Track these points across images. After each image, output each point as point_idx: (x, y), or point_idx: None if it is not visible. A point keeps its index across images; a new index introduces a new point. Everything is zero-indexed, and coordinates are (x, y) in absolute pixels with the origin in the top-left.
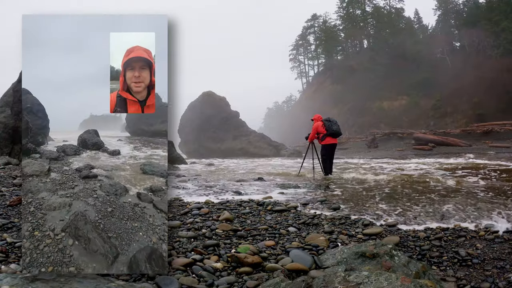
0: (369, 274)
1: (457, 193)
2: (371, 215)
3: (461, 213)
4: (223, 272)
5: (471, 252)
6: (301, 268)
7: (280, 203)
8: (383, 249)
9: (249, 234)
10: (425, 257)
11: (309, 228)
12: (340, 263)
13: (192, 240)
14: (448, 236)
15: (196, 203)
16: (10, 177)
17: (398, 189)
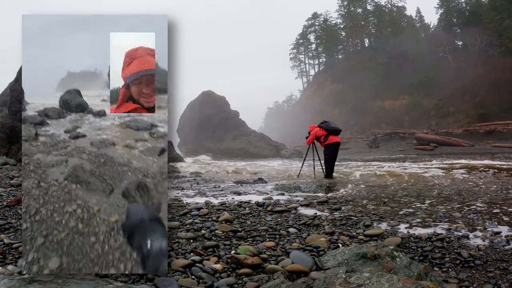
0: (370, 275)
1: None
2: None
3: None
4: (223, 273)
5: (474, 253)
6: (301, 270)
7: (280, 203)
8: (385, 250)
9: (249, 235)
10: (427, 259)
11: (310, 229)
12: (341, 264)
13: (192, 241)
14: (450, 237)
15: (196, 203)
16: (8, 178)
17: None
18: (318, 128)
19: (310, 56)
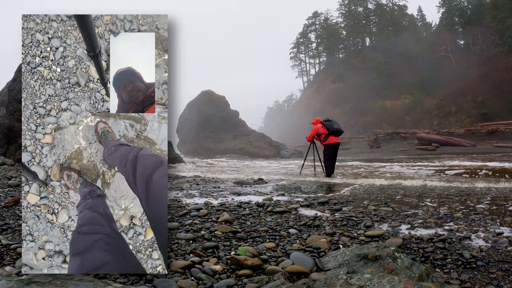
0: (371, 276)
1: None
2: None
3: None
4: (223, 274)
5: (476, 254)
6: (302, 271)
7: (280, 204)
8: (386, 251)
9: (249, 236)
10: (429, 260)
11: (310, 230)
12: (342, 265)
13: (191, 242)
14: (452, 238)
15: (195, 204)
16: (5, 178)
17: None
18: (320, 124)
19: (311, 55)
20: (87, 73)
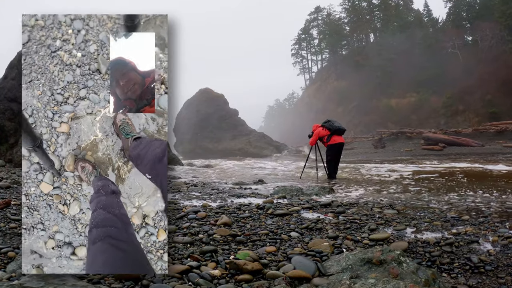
0: (375, 281)
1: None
2: None
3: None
4: (221, 279)
5: (484, 258)
6: (303, 276)
7: (281, 206)
8: (391, 255)
9: (249, 239)
10: (435, 264)
11: (312, 233)
12: (345, 270)
13: (189, 246)
14: (460, 242)
15: (193, 206)
16: None
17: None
18: (321, 127)
19: (313, 52)
20: (108, 59)
